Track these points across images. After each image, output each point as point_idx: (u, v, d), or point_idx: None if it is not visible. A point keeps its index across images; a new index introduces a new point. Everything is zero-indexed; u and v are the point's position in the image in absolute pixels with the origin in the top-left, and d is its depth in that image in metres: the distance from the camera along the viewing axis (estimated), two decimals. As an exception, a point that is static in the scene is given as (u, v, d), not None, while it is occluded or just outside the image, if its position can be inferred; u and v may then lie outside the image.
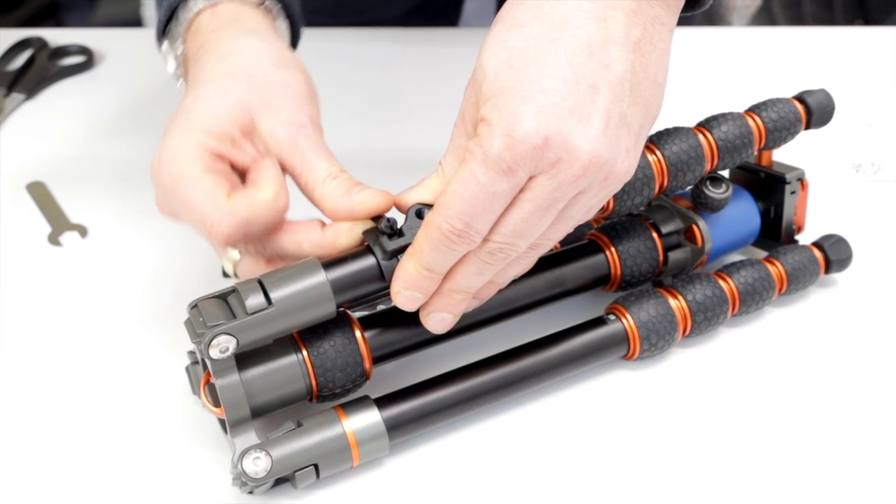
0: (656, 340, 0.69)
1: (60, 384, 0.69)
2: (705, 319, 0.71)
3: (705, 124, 0.72)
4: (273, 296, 0.59)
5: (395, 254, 0.61)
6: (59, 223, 0.84)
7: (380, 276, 0.62)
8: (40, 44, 1.06)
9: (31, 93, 1.00)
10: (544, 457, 0.64)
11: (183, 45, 0.71)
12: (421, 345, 0.67)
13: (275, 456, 0.59)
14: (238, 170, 0.65)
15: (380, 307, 0.67)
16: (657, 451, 0.65)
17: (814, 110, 0.74)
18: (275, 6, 0.73)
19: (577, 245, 0.72)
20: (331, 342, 0.62)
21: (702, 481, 0.63)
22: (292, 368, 0.62)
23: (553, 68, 0.56)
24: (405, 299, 0.61)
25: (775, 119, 0.73)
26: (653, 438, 0.65)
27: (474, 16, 1.36)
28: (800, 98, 0.74)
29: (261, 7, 0.72)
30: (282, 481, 0.61)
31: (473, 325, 0.68)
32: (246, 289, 0.59)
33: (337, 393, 0.63)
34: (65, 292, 0.77)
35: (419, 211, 0.61)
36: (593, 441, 0.65)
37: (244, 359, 0.61)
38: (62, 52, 1.05)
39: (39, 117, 0.98)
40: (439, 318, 0.63)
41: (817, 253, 0.75)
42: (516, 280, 0.65)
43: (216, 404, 0.60)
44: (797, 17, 1.66)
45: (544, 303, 0.70)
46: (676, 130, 0.70)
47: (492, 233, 0.59)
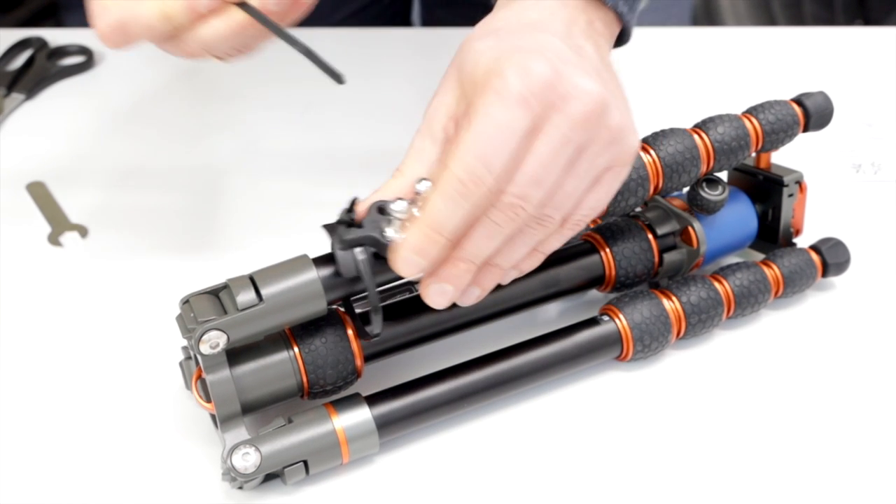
0: (650, 342, 0.69)
1: (59, 382, 0.70)
2: (700, 321, 0.71)
3: (701, 126, 0.72)
4: (264, 292, 0.60)
5: (351, 245, 0.60)
6: (59, 223, 0.85)
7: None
8: (40, 44, 1.06)
9: (30, 93, 1.01)
10: (535, 456, 0.65)
11: None
12: (413, 343, 0.67)
13: (264, 452, 0.60)
14: None
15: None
16: (649, 453, 0.65)
17: (812, 113, 0.74)
18: None
19: (571, 245, 0.72)
20: (322, 339, 0.63)
21: (694, 484, 0.63)
22: (283, 365, 0.62)
23: (548, 40, 0.60)
24: (405, 262, 0.59)
25: (773, 121, 0.73)
26: (645, 440, 0.66)
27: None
28: (798, 100, 0.75)
29: None
30: (272, 477, 0.62)
31: (466, 323, 0.69)
32: (237, 285, 0.60)
33: (328, 390, 0.64)
34: (65, 292, 0.78)
35: (381, 207, 0.60)
36: (585, 442, 0.66)
37: (235, 354, 0.61)
38: (62, 52, 1.06)
39: (39, 117, 0.99)
40: (440, 290, 0.61)
41: (815, 256, 0.75)
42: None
43: (207, 399, 0.61)
44: (797, 17, 1.66)
45: (538, 303, 0.71)
46: (672, 131, 0.71)
47: (507, 183, 0.58)
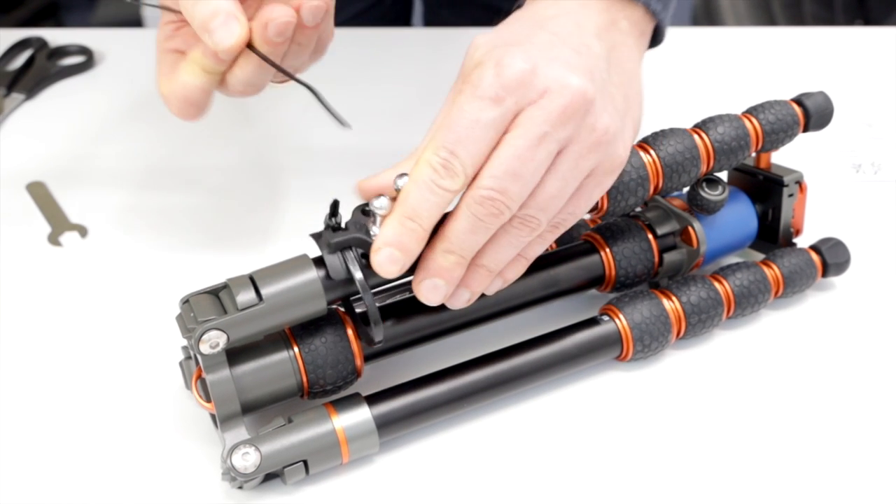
0: (650, 342, 0.70)
1: (59, 382, 0.71)
2: (700, 321, 0.71)
3: (701, 126, 0.73)
4: (264, 292, 0.60)
5: (338, 248, 0.61)
6: (59, 223, 0.85)
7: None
8: (40, 44, 1.07)
9: (30, 93, 1.01)
10: (535, 456, 0.65)
11: None
12: (413, 343, 0.68)
13: (264, 451, 0.60)
14: None
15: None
16: (649, 453, 0.65)
17: (812, 113, 0.74)
18: None
19: (571, 245, 0.73)
20: (322, 339, 0.63)
21: (694, 483, 0.64)
22: (283, 365, 0.63)
23: (539, 37, 0.61)
24: (384, 257, 0.59)
25: (773, 121, 0.73)
26: (645, 440, 0.66)
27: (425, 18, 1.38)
28: (798, 100, 0.75)
29: None
30: (272, 477, 0.62)
31: (466, 323, 0.69)
32: (237, 285, 0.61)
33: (328, 390, 0.64)
34: (65, 292, 0.79)
35: (364, 209, 0.61)
36: (585, 442, 0.66)
37: (235, 354, 0.62)
38: (62, 52, 1.06)
39: (39, 117, 0.99)
40: (431, 286, 0.61)
41: (815, 256, 0.76)
42: (509, 279, 0.67)
43: (207, 399, 0.62)
44: (797, 17, 1.66)
45: (538, 302, 0.71)
46: (672, 131, 0.71)
47: (481, 176, 0.58)
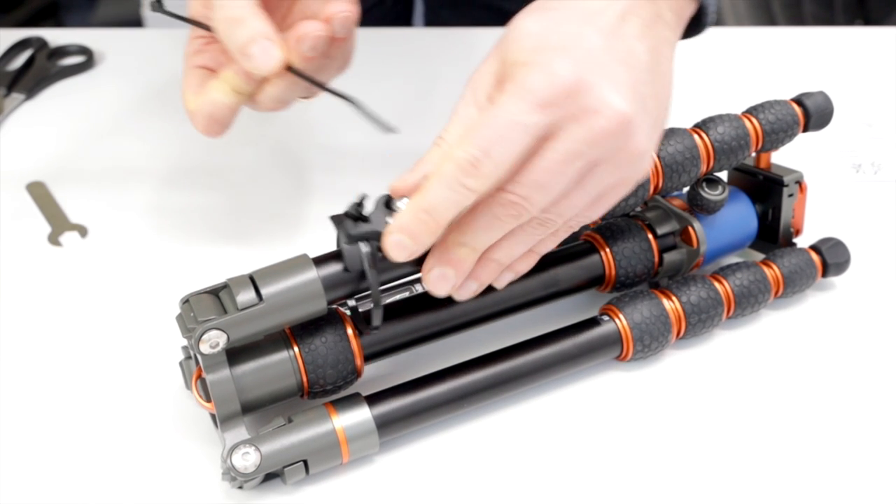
0: (649, 342, 0.70)
1: (59, 382, 0.71)
2: (700, 321, 0.72)
3: (701, 125, 0.73)
4: (264, 292, 0.61)
5: (357, 239, 0.61)
6: (59, 223, 0.85)
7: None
8: (40, 44, 1.07)
9: (30, 93, 1.02)
10: (535, 456, 0.66)
11: None
12: (413, 342, 0.68)
13: (264, 451, 0.61)
14: None
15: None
16: (649, 453, 0.66)
17: (812, 113, 0.75)
18: None
19: (571, 245, 0.73)
20: (322, 339, 0.64)
21: (694, 483, 0.64)
22: (283, 364, 0.63)
23: (590, 39, 0.59)
24: (394, 243, 0.59)
25: (772, 121, 0.74)
26: (645, 440, 0.67)
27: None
28: (798, 100, 0.76)
29: None
30: (272, 477, 0.63)
31: (466, 323, 0.69)
32: (237, 284, 0.61)
33: (328, 390, 0.65)
34: (65, 292, 0.79)
35: (388, 201, 0.60)
36: (585, 442, 0.67)
37: (235, 354, 0.62)
38: (62, 52, 1.06)
39: (39, 117, 1.00)
40: (440, 275, 0.61)
41: (815, 256, 0.76)
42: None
43: (207, 399, 0.62)
44: (797, 17, 1.66)
45: (538, 303, 0.72)
46: (672, 131, 0.72)
47: (510, 182, 0.58)
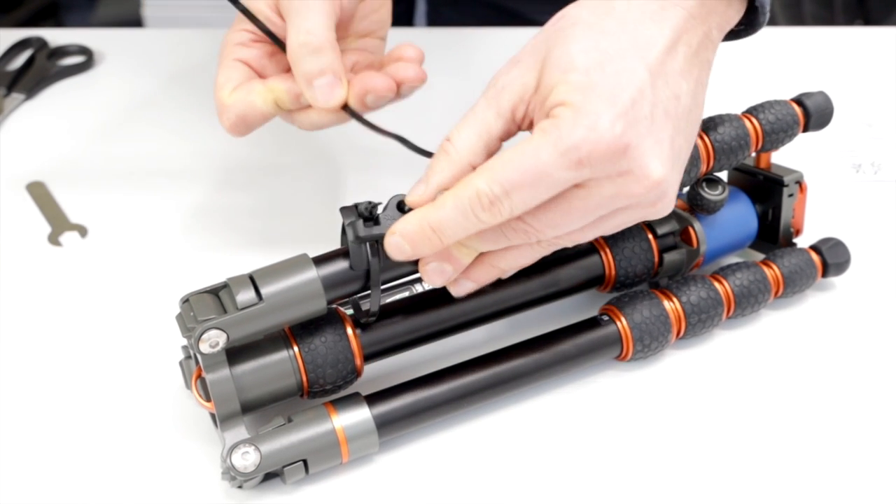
0: (649, 342, 0.70)
1: (59, 381, 0.71)
2: (699, 321, 0.72)
3: (701, 126, 0.73)
4: (264, 291, 0.61)
5: (365, 240, 0.62)
6: (59, 223, 0.86)
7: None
8: (40, 44, 1.07)
9: (30, 93, 1.02)
10: (535, 456, 0.66)
11: None
12: (413, 342, 0.69)
13: (264, 451, 0.61)
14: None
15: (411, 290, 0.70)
16: (649, 453, 0.66)
17: (812, 113, 0.75)
18: None
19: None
20: (322, 338, 0.64)
21: (694, 483, 0.64)
22: (283, 364, 0.63)
23: (640, 84, 0.58)
24: (393, 244, 0.60)
25: (772, 121, 0.74)
26: (644, 440, 0.67)
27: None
28: (798, 100, 0.76)
29: None
30: (271, 476, 0.63)
31: (466, 323, 0.70)
32: (237, 284, 0.62)
33: (328, 389, 0.65)
34: (65, 292, 0.79)
35: (400, 203, 0.61)
36: (584, 442, 0.67)
37: (235, 354, 0.63)
38: (62, 52, 1.07)
39: (39, 117, 1.00)
40: (438, 269, 0.62)
41: (815, 256, 0.76)
42: (510, 279, 0.68)
43: (207, 398, 0.62)
44: (797, 17, 1.66)
45: (538, 303, 0.72)
46: (672, 131, 0.73)
47: (528, 215, 0.58)
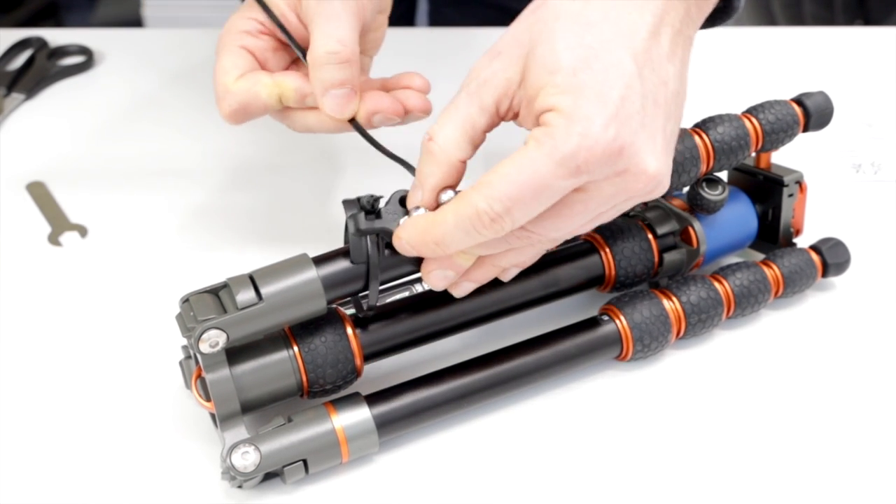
0: (649, 342, 0.71)
1: (60, 381, 0.72)
2: (699, 321, 0.72)
3: (701, 125, 0.74)
4: (263, 291, 0.61)
5: (366, 233, 0.62)
6: (59, 223, 0.86)
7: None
8: (40, 44, 1.08)
9: (30, 93, 1.02)
10: (535, 456, 0.66)
11: None
12: (412, 342, 0.69)
13: (263, 451, 0.61)
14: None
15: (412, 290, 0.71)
16: (648, 453, 0.67)
17: (812, 113, 0.76)
18: None
19: (571, 245, 0.74)
20: (322, 338, 0.65)
21: (693, 484, 0.65)
22: (283, 364, 0.64)
23: (628, 78, 0.58)
24: (402, 248, 0.62)
25: (772, 121, 0.74)
26: (644, 440, 0.67)
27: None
28: (798, 100, 0.76)
29: None
30: (271, 476, 0.64)
31: (466, 323, 0.70)
32: (237, 284, 0.62)
33: (328, 389, 0.65)
34: (65, 292, 0.80)
35: (402, 199, 0.62)
36: (584, 442, 0.67)
37: (235, 353, 0.63)
38: (62, 52, 1.07)
39: (39, 117, 1.01)
40: (442, 276, 0.63)
41: (815, 256, 0.77)
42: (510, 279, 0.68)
43: (207, 398, 0.63)
44: (797, 17, 1.67)
45: (538, 303, 0.72)
46: (672, 132, 0.74)
47: (531, 223, 0.59)
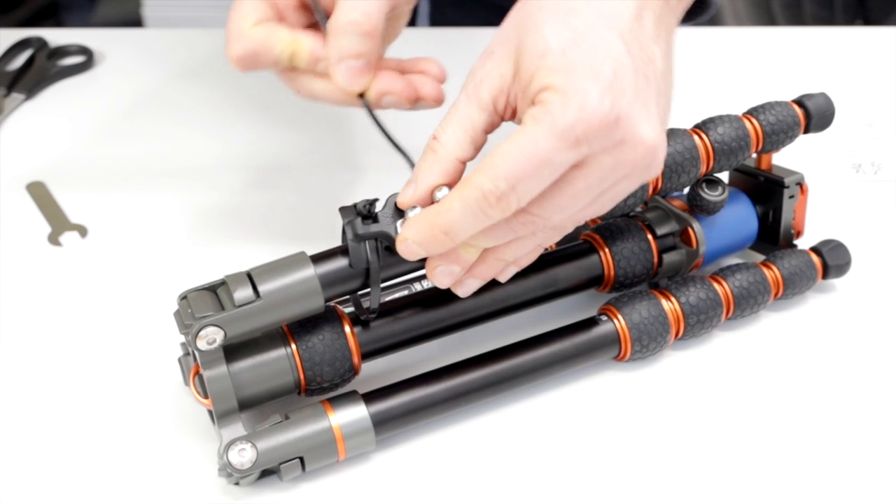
0: (648, 342, 0.71)
1: (59, 380, 0.72)
2: (698, 322, 0.72)
3: (701, 126, 0.74)
4: (261, 289, 0.62)
5: (363, 238, 0.63)
6: (59, 223, 0.87)
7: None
8: (40, 44, 1.08)
9: (31, 93, 1.03)
10: (532, 456, 0.67)
11: None
12: (411, 341, 0.69)
13: (260, 448, 0.62)
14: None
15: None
16: (647, 454, 0.67)
17: (813, 114, 0.76)
18: None
19: (570, 245, 0.74)
20: (319, 336, 0.65)
21: (692, 484, 0.65)
22: (280, 362, 0.64)
23: (617, 54, 0.59)
24: (408, 251, 0.61)
25: (773, 122, 0.75)
26: (643, 440, 0.68)
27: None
28: (799, 101, 0.76)
29: None
30: (268, 473, 0.64)
31: (465, 322, 0.70)
32: (235, 281, 0.62)
33: (325, 387, 0.66)
34: (65, 292, 0.80)
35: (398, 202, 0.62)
36: (582, 441, 0.68)
37: (233, 351, 0.63)
38: (62, 52, 1.08)
39: (39, 117, 1.01)
40: (447, 272, 0.63)
41: (815, 258, 0.77)
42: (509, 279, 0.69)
43: (205, 395, 0.63)
44: (797, 17, 1.67)
45: (536, 302, 0.72)
46: (672, 132, 0.73)
47: (533, 205, 0.59)
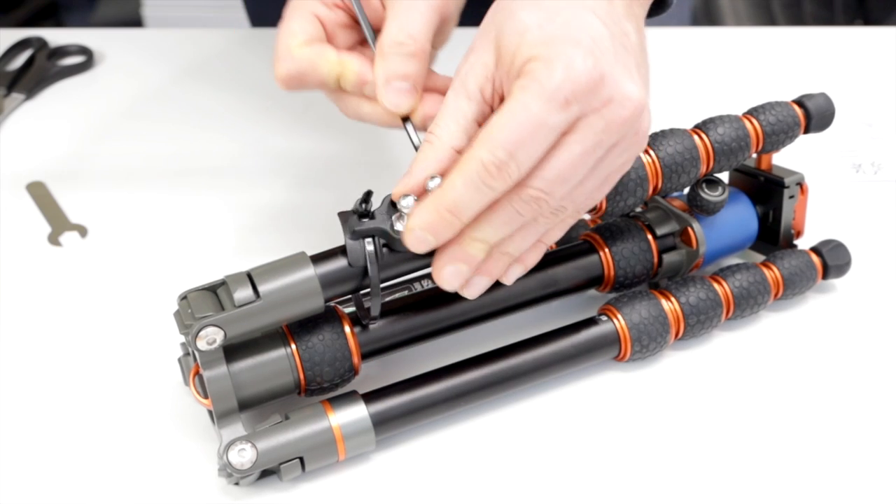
0: (648, 342, 0.71)
1: (59, 380, 0.72)
2: (698, 322, 0.73)
3: (702, 126, 0.74)
4: (261, 289, 0.62)
5: (360, 235, 0.63)
6: (58, 223, 0.87)
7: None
8: (40, 44, 1.09)
9: (31, 93, 1.03)
10: (532, 456, 0.67)
11: None
12: (410, 341, 0.70)
13: (260, 448, 0.62)
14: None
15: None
16: (646, 454, 0.67)
17: (813, 114, 0.76)
18: None
19: (570, 245, 0.75)
20: (319, 336, 0.65)
21: (692, 484, 0.65)
22: (280, 362, 0.65)
23: (594, 25, 0.60)
24: (416, 240, 0.61)
25: (773, 122, 0.75)
26: (642, 441, 0.68)
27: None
28: (799, 102, 0.76)
29: None
30: (268, 473, 0.64)
31: (465, 322, 0.71)
32: (235, 281, 0.62)
33: (325, 387, 0.66)
34: (65, 292, 0.81)
35: (393, 201, 0.62)
36: (582, 441, 0.68)
37: (232, 351, 0.64)
38: (62, 52, 1.08)
39: (39, 117, 1.01)
40: (454, 271, 0.63)
41: (815, 258, 0.77)
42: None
43: (205, 395, 0.63)
44: (797, 17, 1.68)
45: (537, 302, 0.73)
46: (672, 132, 0.73)
47: (532, 177, 0.59)
